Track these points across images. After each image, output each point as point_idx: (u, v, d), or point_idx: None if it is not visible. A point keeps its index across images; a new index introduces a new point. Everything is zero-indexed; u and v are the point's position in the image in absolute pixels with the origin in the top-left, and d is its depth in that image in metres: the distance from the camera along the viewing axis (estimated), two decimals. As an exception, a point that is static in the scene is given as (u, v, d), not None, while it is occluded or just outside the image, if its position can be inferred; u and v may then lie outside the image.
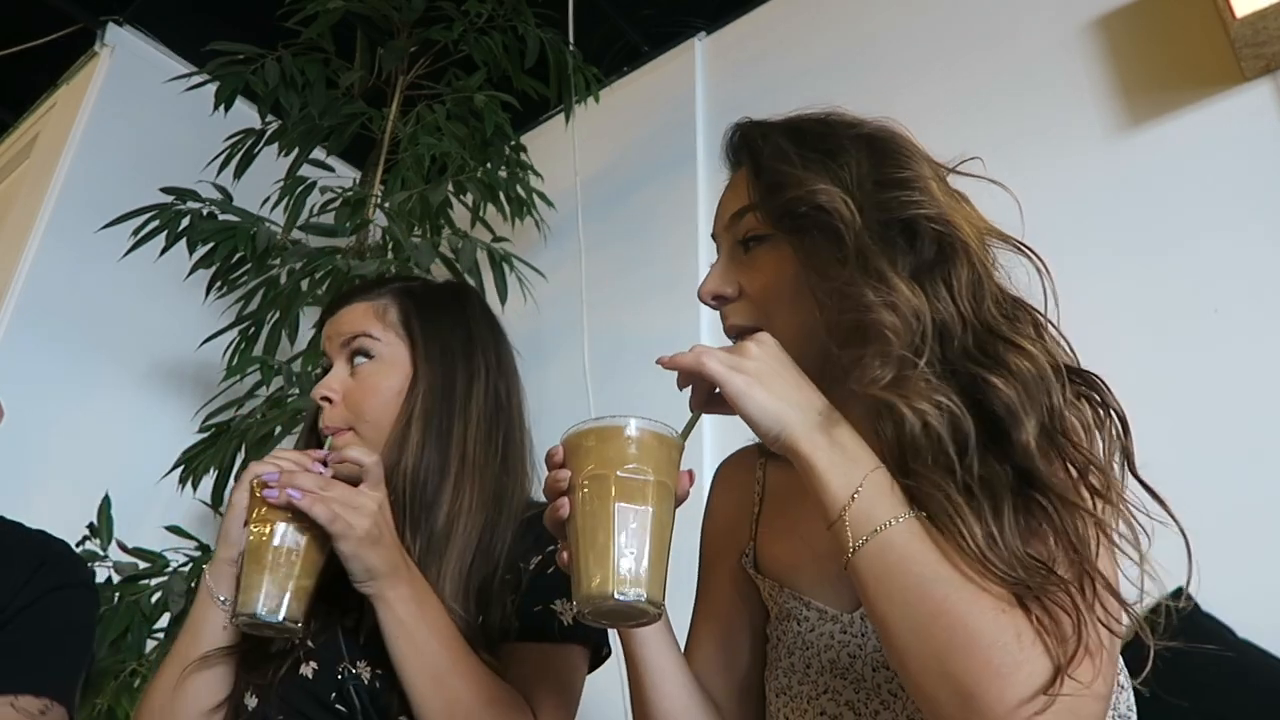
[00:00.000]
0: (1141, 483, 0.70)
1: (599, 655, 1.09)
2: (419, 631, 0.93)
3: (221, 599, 0.96)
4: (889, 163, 0.79)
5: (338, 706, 0.96)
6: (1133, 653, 0.77)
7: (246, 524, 0.94)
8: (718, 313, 0.85)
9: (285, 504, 0.90)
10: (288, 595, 0.90)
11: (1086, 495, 0.66)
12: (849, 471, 0.67)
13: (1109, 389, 0.72)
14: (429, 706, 0.91)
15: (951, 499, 0.65)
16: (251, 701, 0.98)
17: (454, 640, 0.95)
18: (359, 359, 1.08)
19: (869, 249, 0.73)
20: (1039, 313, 0.76)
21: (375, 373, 1.07)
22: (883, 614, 0.64)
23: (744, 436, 0.98)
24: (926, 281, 0.73)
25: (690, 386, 0.75)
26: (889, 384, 0.68)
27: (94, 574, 1.33)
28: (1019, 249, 0.79)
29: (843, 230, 0.74)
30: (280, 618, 0.89)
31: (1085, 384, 0.72)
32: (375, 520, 0.93)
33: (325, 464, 0.96)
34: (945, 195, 0.79)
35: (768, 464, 0.95)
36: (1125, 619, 0.64)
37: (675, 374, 0.73)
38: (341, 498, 0.92)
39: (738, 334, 0.81)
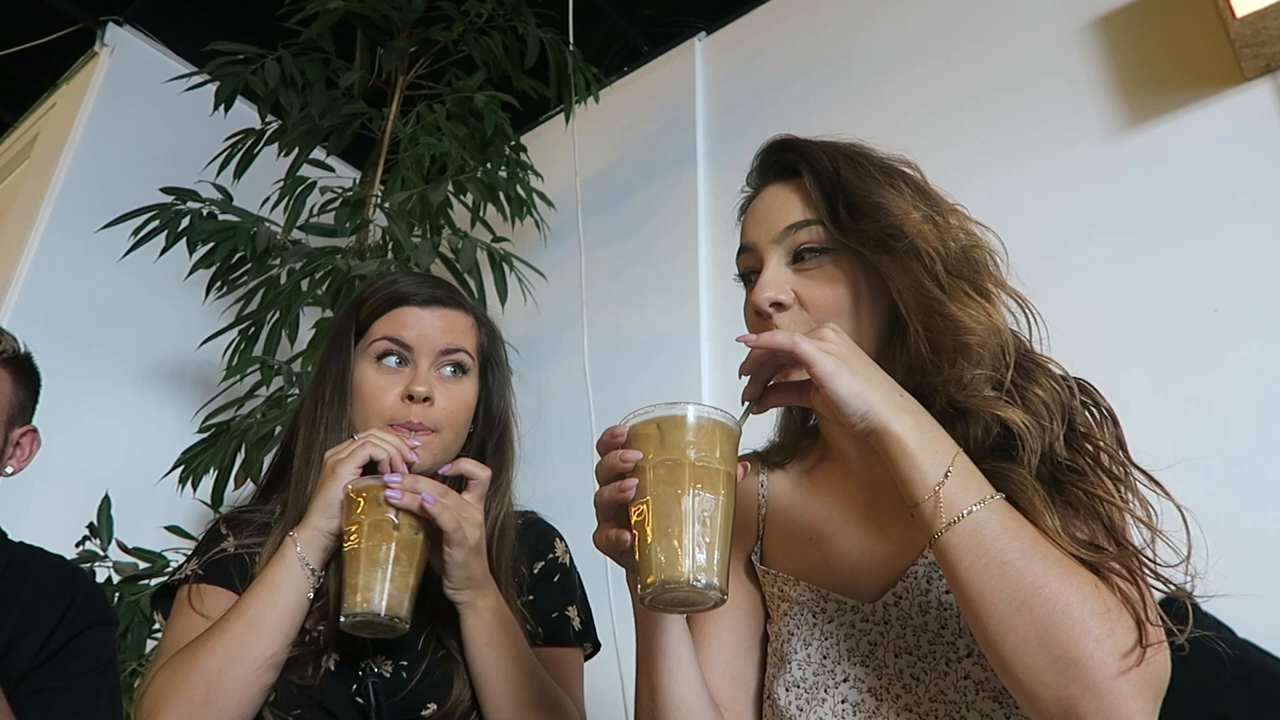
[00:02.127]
0: (1137, 467, 0.75)
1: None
2: (503, 640, 0.98)
3: (312, 568, 0.96)
4: (927, 195, 0.85)
5: (357, 699, 0.97)
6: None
7: (352, 524, 0.93)
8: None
9: (418, 508, 0.92)
10: (406, 595, 0.92)
11: (1106, 481, 0.73)
12: (939, 452, 0.71)
13: (1098, 390, 0.80)
14: (500, 704, 0.97)
15: (1027, 492, 0.71)
16: (270, 693, 0.98)
17: (526, 646, 1.01)
18: (453, 370, 1.09)
19: (955, 274, 0.79)
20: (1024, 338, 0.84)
21: (465, 389, 1.10)
22: (979, 589, 0.67)
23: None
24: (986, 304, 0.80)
25: (750, 376, 0.78)
26: (988, 398, 0.75)
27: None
28: (1011, 294, 0.84)
29: (933, 255, 0.78)
30: (403, 616, 0.91)
31: (1081, 390, 0.79)
32: (482, 531, 0.97)
33: (408, 464, 0.99)
34: (971, 229, 0.85)
35: (771, 473, 0.96)
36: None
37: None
38: (458, 506, 0.95)
39: None
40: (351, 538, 0.92)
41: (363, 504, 0.93)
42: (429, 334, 1.08)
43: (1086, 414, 0.78)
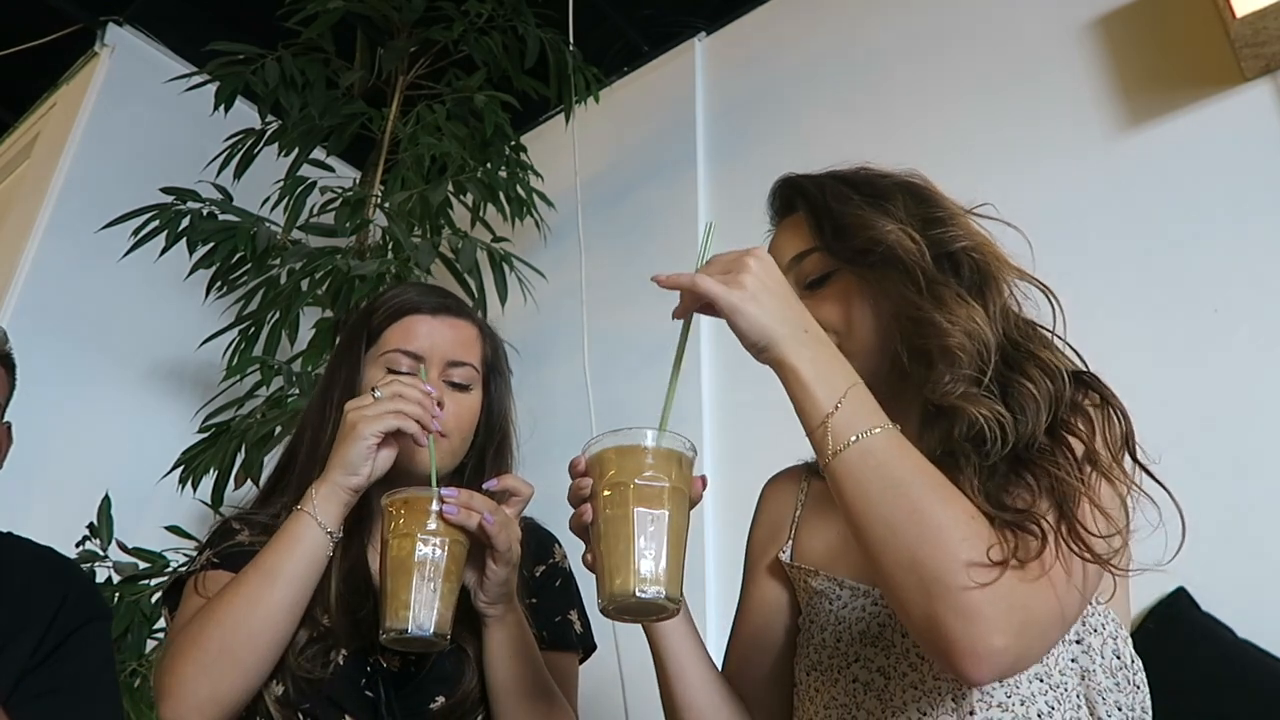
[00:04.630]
0: (1141, 466, 0.78)
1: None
2: (524, 652, 1.00)
3: (328, 529, 0.95)
4: (927, 204, 0.90)
5: (366, 693, 0.98)
6: (1143, 652, 0.82)
7: (398, 536, 0.91)
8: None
9: (475, 526, 0.92)
10: (451, 612, 0.91)
11: (1075, 465, 0.74)
12: (833, 383, 0.74)
13: (1108, 388, 0.81)
14: (514, 713, 0.99)
15: (968, 465, 0.74)
16: (278, 689, 0.97)
17: (540, 656, 1.03)
18: (460, 380, 1.11)
19: (936, 280, 0.82)
20: (1049, 330, 0.86)
21: (471, 398, 1.12)
22: (860, 512, 0.70)
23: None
24: (972, 306, 0.83)
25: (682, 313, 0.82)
26: (961, 395, 0.77)
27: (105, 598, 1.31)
28: (1034, 283, 0.89)
29: (911, 264, 0.83)
30: (448, 633, 0.90)
31: (1088, 386, 0.80)
32: (519, 546, 0.98)
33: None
34: (975, 231, 0.89)
35: (812, 479, 1.02)
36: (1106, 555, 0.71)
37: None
38: (506, 522, 0.96)
39: None
40: (400, 550, 0.90)
41: (405, 516, 0.91)
42: (439, 343, 1.10)
43: (1090, 405, 0.79)
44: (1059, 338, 0.85)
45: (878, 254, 0.84)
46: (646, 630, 0.87)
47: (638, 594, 0.71)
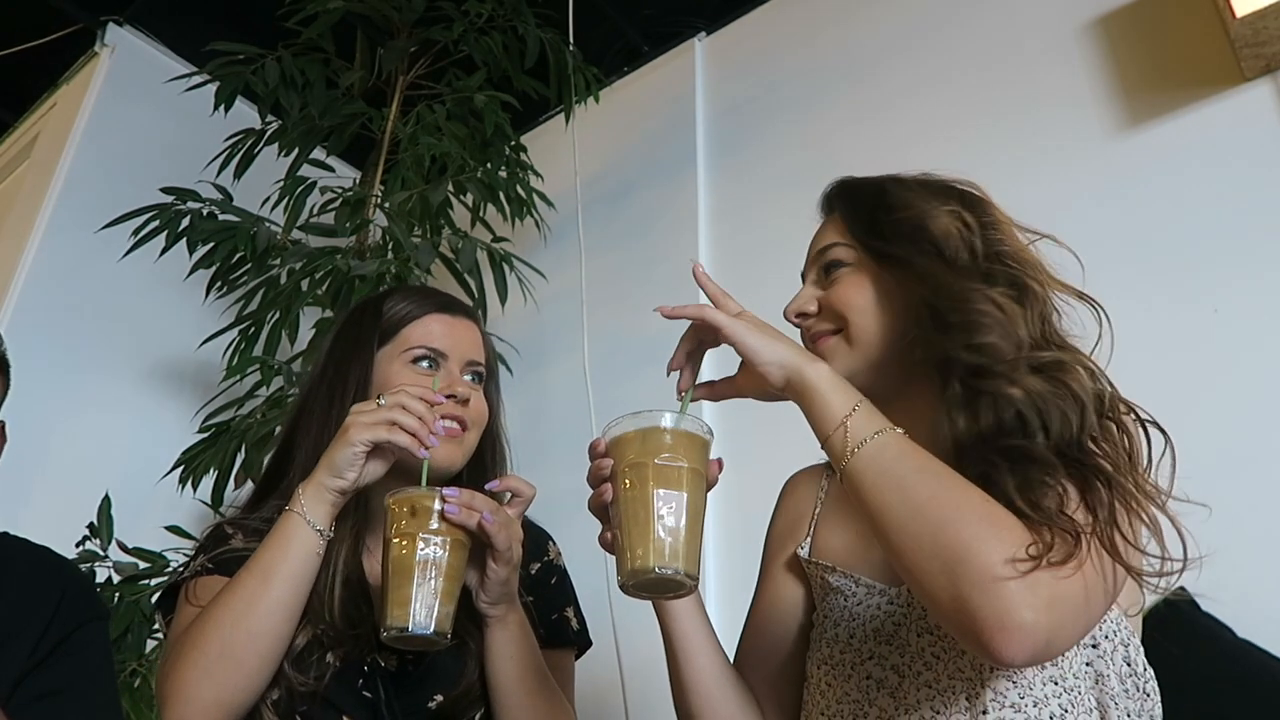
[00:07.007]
0: (1172, 496, 0.77)
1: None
2: (526, 652, 1.01)
3: (319, 528, 0.95)
4: (979, 208, 0.92)
5: (364, 693, 0.98)
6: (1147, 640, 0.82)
7: (400, 536, 0.92)
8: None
9: (475, 526, 0.92)
10: (452, 610, 0.92)
11: (1119, 479, 0.74)
12: (846, 393, 0.78)
13: (1141, 408, 0.82)
14: (516, 712, 1.00)
15: (997, 466, 0.74)
16: (273, 694, 0.97)
17: (540, 654, 1.04)
18: (474, 378, 1.14)
19: (986, 271, 0.85)
20: (1081, 353, 0.86)
21: (483, 397, 1.14)
22: (879, 503, 0.72)
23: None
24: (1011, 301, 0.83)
25: (680, 370, 0.88)
26: (1002, 369, 0.78)
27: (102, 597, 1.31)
28: (1084, 300, 0.91)
29: (956, 252, 0.86)
30: (448, 632, 0.91)
31: (1124, 410, 0.81)
32: (521, 547, 0.99)
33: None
34: (1021, 243, 0.92)
35: (832, 477, 1.03)
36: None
37: (672, 375, 0.86)
38: (507, 523, 0.96)
39: (818, 337, 0.93)
40: (402, 549, 0.91)
41: (407, 516, 0.92)
42: (460, 342, 1.13)
43: (1117, 429, 0.79)
44: (1093, 361, 0.85)
45: (917, 234, 0.87)
46: (659, 612, 0.89)
47: (657, 570, 0.74)
